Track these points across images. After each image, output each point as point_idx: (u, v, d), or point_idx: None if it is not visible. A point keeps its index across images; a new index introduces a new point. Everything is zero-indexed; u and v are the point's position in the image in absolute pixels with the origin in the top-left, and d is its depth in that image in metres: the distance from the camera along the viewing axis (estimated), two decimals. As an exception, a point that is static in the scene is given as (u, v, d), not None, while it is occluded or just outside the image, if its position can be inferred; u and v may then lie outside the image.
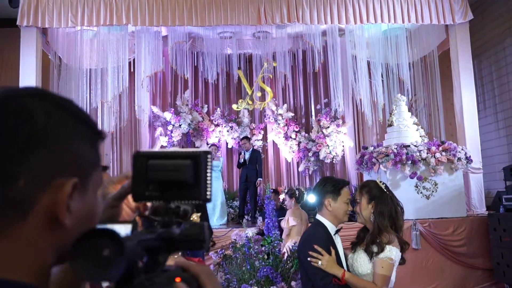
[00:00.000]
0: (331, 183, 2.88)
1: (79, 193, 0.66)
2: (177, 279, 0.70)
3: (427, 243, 6.96)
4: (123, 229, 0.71)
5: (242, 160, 9.19)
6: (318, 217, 2.89)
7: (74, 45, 9.17)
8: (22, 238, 0.61)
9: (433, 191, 7.39)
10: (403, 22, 8.85)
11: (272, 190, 7.80)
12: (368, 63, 9.63)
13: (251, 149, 9.41)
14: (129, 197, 0.84)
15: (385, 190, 2.83)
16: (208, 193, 0.75)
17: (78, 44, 9.17)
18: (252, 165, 9.18)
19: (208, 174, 0.75)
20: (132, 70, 9.33)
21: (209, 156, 0.76)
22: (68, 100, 0.69)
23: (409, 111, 8.67)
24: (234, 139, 10.54)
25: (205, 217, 3.43)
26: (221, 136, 10.52)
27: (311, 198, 7.51)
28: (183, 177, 0.73)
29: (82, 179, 0.66)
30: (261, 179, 9.31)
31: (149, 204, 0.81)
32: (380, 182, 2.89)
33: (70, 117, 0.67)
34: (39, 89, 0.68)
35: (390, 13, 8.75)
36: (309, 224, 4.69)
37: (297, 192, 6.13)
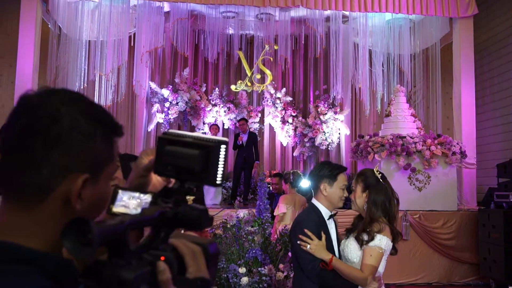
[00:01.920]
0: (328, 168, 2.87)
1: (90, 185, 0.81)
2: (162, 258, 0.79)
3: (416, 235, 7.02)
4: (145, 198, 0.89)
5: (240, 142, 9.17)
6: (313, 201, 2.89)
7: (75, 15, 9.07)
8: (42, 215, 0.78)
9: (425, 184, 7.43)
10: (407, 12, 8.80)
11: (275, 174, 7.79)
12: (370, 52, 9.59)
13: (247, 131, 9.40)
14: None
15: (381, 180, 2.82)
16: (218, 179, 0.87)
17: (79, 15, 9.08)
18: (249, 148, 9.17)
19: (220, 163, 0.86)
20: (132, 44, 9.25)
21: (222, 146, 0.87)
22: (92, 104, 0.84)
23: (407, 102, 8.67)
24: (231, 120, 10.51)
25: (200, 199, 3.44)
26: (218, 116, 10.49)
27: (304, 184, 7.51)
28: (191, 166, 0.85)
29: (94, 174, 0.81)
30: (258, 161, 9.32)
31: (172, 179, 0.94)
32: (377, 171, 2.88)
33: (90, 122, 0.81)
34: (69, 93, 0.83)
35: (395, 3, 8.68)
36: None
37: (291, 177, 6.06)
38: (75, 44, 9.10)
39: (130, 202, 0.90)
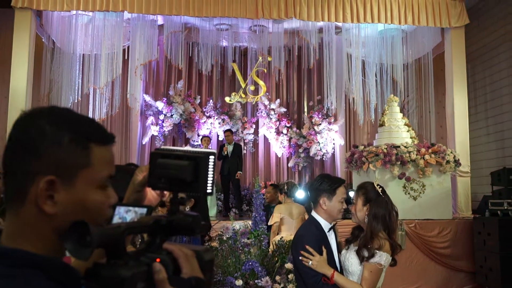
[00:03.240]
0: (327, 182, 2.90)
1: (62, 188, 0.85)
2: (157, 260, 0.85)
3: (412, 244, 7.02)
4: (140, 211, 0.98)
5: (225, 153, 9.19)
6: (313, 214, 2.94)
7: (69, 29, 9.10)
8: (26, 219, 0.85)
9: (420, 193, 7.45)
10: (399, 23, 8.88)
11: (271, 184, 7.78)
12: (363, 62, 9.66)
13: (233, 143, 9.42)
14: None
15: (381, 194, 2.86)
16: (208, 188, 0.93)
17: (73, 28, 9.11)
18: (234, 159, 9.18)
19: (209, 173, 0.93)
20: (126, 57, 9.27)
21: (211, 157, 0.94)
22: (64, 115, 0.90)
23: (401, 112, 8.72)
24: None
25: (201, 210, 3.45)
26: (212, 128, 10.51)
27: (299, 194, 7.52)
28: (183, 176, 0.92)
29: (64, 177, 0.86)
30: (241, 172, 9.34)
31: (166, 192, 1.05)
32: (378, 185, 2.92)
33: (57, 129, 0.87)
34: (51, 109, 0.90)
35: (387, 13, 8.77)
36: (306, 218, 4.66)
37: (285, 187, 6.07)
38: (69, 57, 9.11)
39: (126, 215, 0.97)
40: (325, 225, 2.88)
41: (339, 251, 2.94)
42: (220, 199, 9.81)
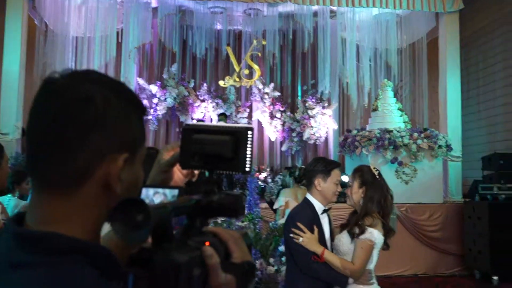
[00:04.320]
0: (322, 163, 2.93)
1: (128, 166, 0.77)
2: (207, 243, 0.77)
3: (403, 227, 7.12)
4: (170, 193, 0.86)
5: None
6: (308, 196, 2.95)
7: (62, 11, 9.01)
8: (79, 201, 0.74)
9: (412, 177, 7.54)
10: (394, 7, 8.88)
11: (285, 167, 7.82)
12: (357, 47, 9.66)
13: None
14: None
15: (378, 176, 2.89)
16: (247, 166, 0.84)
17: (66, 11, 9.02)
18: None
19: (248, 149, 0.84)
20: (119, 40, 9.21)
21: (249, 132, 0.84)
22: (121, 84, 0.80)
23: (394, 96, 8.76)
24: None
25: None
26: (206, 111, 10.51)
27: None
28: (223, 152, 0.83)
29: (131, 154, 0.78)
30: None
31: (196, 171, 0.91)
32: (374, 168, 2.94)
33: (123, 100, 0.77)
34: (97, 74, 0.79)
35: (382, -3, 8.76)
36: None
37: (297, 172, 6.11)
38: (62, 40, 9.04)
39: (155, 198, 0.88)
40: (318, 207, 2.90)
41: (332, 239, 2.94)
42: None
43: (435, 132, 7.81)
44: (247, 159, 0.84)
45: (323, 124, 10.47)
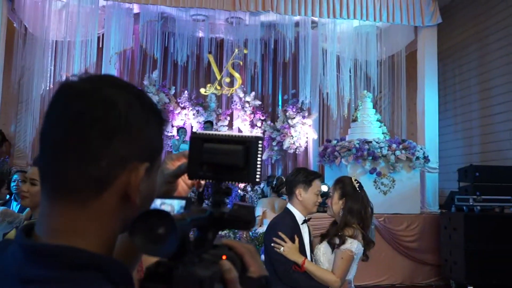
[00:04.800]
0: (303, 174, 2.96)
1: (146, 176, 0.73)
2: (223, 257, 0.74)
3: (381, 237, 7.18)
4: (177, 204, 0.81)
5: None
6: (289, 205, 2.99)
7: (41, 15, 8.89)
8: (97, 211, 0.70)
9: (390, 188, 7.62)
10: (374, 20, 9.00)
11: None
12: (338, 58, 9.76)
13: None
14: (185, 174, 0.90)
15: (358, 189, 2.92)
16: (257, 176, 0.81)
17: (46, 14, 8.89)
18: None
19: (259, 159, 0.81)
20: (100, 45, 9.13)
21: (260, 142, 0.81)
22: (142, 90, 0.77)
23: (373, 108, 8.87)
24: (200, 123, 10.52)
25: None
26: (186, 119, 10.48)
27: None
28: (234, 162, 0.79)
29: (151, 164, 0.75)
30: None
31: (202, 182, 0.89)
32: (355, 180, 2.98)
33: (145, 107, 0.74)
34: (117, 79, 0.76)
35: (363, 10, 8.87)
36: None
37: (274, 182, 6.11)
38: (42, 44, 8.91)
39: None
40: (299, 217, 2.93)
41: (312, 250, 2.96)
42: (193, 190, 9.80)
43: (413, 143, 7.92)
44: (258, 169, 0.81)
45: (303, 134, 10.54)
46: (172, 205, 0.82)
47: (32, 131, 8.90)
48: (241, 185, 9.54)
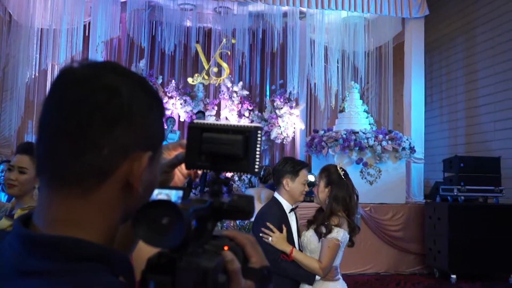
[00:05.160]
0: (290, 164, 3.00)
1: (149, 165, 0.72)
2: (225, 248, 0.73)
3: (366, 226, 7.26)
4: (175, 194, 0.80)
5: None
6: (276, 195, 3.04)
7: (27, 2, 8.76)
8: (98, 201, 0.68)
9: (376, 178, 7.70)
10: (362, 11, 9.02)
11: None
12: (326, 48, 9.78)
13: None
14: (182, 164, 0.89)
15: (344, 176, 2.97)
16: (256, 166, 0.80)
17: (31, 1, 8.77)
18: None
19: (258, 149, 0.80)
20: (87, 34, 9.04)
21: (259, 132, 0.80)
22: (144, 78, 0.75)
23: (360, 98, 8.92)
24: (187, 112, 10.49)
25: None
26: (174, 108, 10.44)
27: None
28: (235, 152, 0.78)
29: (154, 152, 0.73)
30: None
31: (199, 172, 0.86)
32: (340, 168, 3.02)
33: (148, 95, 0.72)
34: (119, 66, 0.73)
35: (351, 1, 8.89)
36: None
37: (262, 172, 6.13)
38: (27, 31, 8.79)
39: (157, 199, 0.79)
40: (286, 206, 2.98)
41: (299, 236, 3.02)
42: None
43: (400, 134, 7.99)
44: (257, 159, 0.80)
45: (290, 124, 10.57)
46: (169, 195, 0.81)
47: (17, 119, 8.81)
48: (229, 174, 9.57)
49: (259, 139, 0.80)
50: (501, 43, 8.47)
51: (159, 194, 0.80)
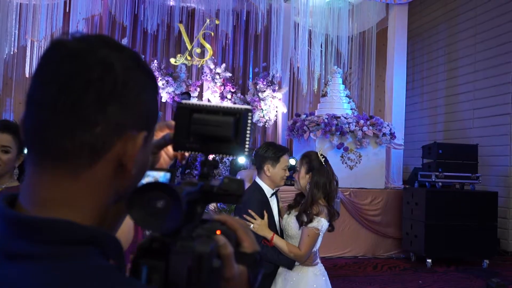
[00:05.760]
0: (272, 150, 3.03)
1: (143, 145, 0.69)
2: (218, 232, 0.72)
3: (346, 211, 7.36)
4: (163, 177, 0.79)
5: None
6: (257, 179, 3.07)
7: (5, -25, 8.55)
8: (90, 181, 0.65)
9: (357, 163, 7.78)
10: (347, -5, 9.01)
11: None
12: (309, 32, 9.76)
13: None
14: (169, 145, 0.86)
15: (324, 163, 3.01)
16: (246, 148, 0.78)
17: (9, -25, 8.56)
18: None
19: (248, 131, 0.78)
20: (67, 10, 8.85)
21: (250, 114, 0.78)
22: (138, 54, 0.71)
23: (343, 83, 8.96)
24: (169, 93, 10.40)
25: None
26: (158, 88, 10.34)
27: (241, 160, 7.67)
28: (225, 133, 0.76)
29: (148, 133, 0.70)
30: None
31: (187, 154, 0.84)
32: (321, 155, 3.06)
33: (143, 72, 0.69)
34: (113, 40, 0.69)
35: (336, -15, 8.87)
36: None
37: (254, 154, 6.16)
38: (5, 6, 8.58)
39: (144, 181, 0.76)
40: (267, 190, 3.04)
41: (281, 217, 3.10)
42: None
43: (380, 120, 8.07)
44: (247, 142, 0.78)
45: (273, 107, 10.57)
46: (156, 178, 0.80)
47: (-5, 96, 8.64)
48: (210, 157, 9.57)
49: (249, 121, 0.78)
50: (482, 32, 8.57)
51: (146, 176, 0.78)
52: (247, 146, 0.78)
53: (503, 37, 8.12)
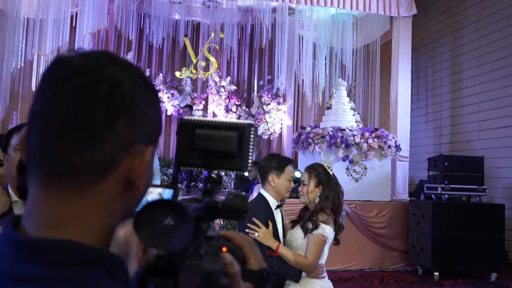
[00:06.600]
0: (276, 160, 3.00)
1: (149, 160, 0.68)
2: (224, 249, 0.72)
3: (351, 223, 7.32)
4: (168, 193, 0.77)
5: None
6: (262, 191, 3.02)
7: (12, -10, 8.64)
8: (97, 199, 0.64)
9: (362, 175, 7.75)
10: (351, 8, 9.05)
11: (253, 162, 7.84)
12: (314, 45, 9.80)
13: None
14: None
15: (332, 175, 2.99)
16: (249, 164, 0.77)
17: (17, -10, 8.65)
18: None
19: (251, 147, 0.77)
20: (74, 24, 8.93)
21: (252, 128, 0.77)
22: (143, 70, 0.71)
23: (347, 96, 8.96)
24: (174, 106, 10.45)
25: None
26: (161, 102, 10.39)
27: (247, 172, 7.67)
28: (229, 149, 0.75)
29: (154, 147, 0.70)
30: None
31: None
32: (328, 167, 3.03)
33: (147, 86, 0.69)
34: (117, 56, 0.69)
35: (340, -2, 8.92)
36: None
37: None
38: (12, 21, 8.66)
39: (148, 198, 0.76)
40: (272, 202, 2.97)
41: (284, 235, 3.01)
42: (166, 174, 9.79)
43: (386, 132, 8.05)
44: (250, 157, 0.77)
45: (277, 120, 10.59)
46: (161, 194, 0.79)
47: (2, 110, 8.69)
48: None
49: (252, 136, 0.77)
50: (486, 44, 8.58)
51: (150, 193, 0.77)
52: (249, 161, 0.77)
53: (507, 50, 8.12)
